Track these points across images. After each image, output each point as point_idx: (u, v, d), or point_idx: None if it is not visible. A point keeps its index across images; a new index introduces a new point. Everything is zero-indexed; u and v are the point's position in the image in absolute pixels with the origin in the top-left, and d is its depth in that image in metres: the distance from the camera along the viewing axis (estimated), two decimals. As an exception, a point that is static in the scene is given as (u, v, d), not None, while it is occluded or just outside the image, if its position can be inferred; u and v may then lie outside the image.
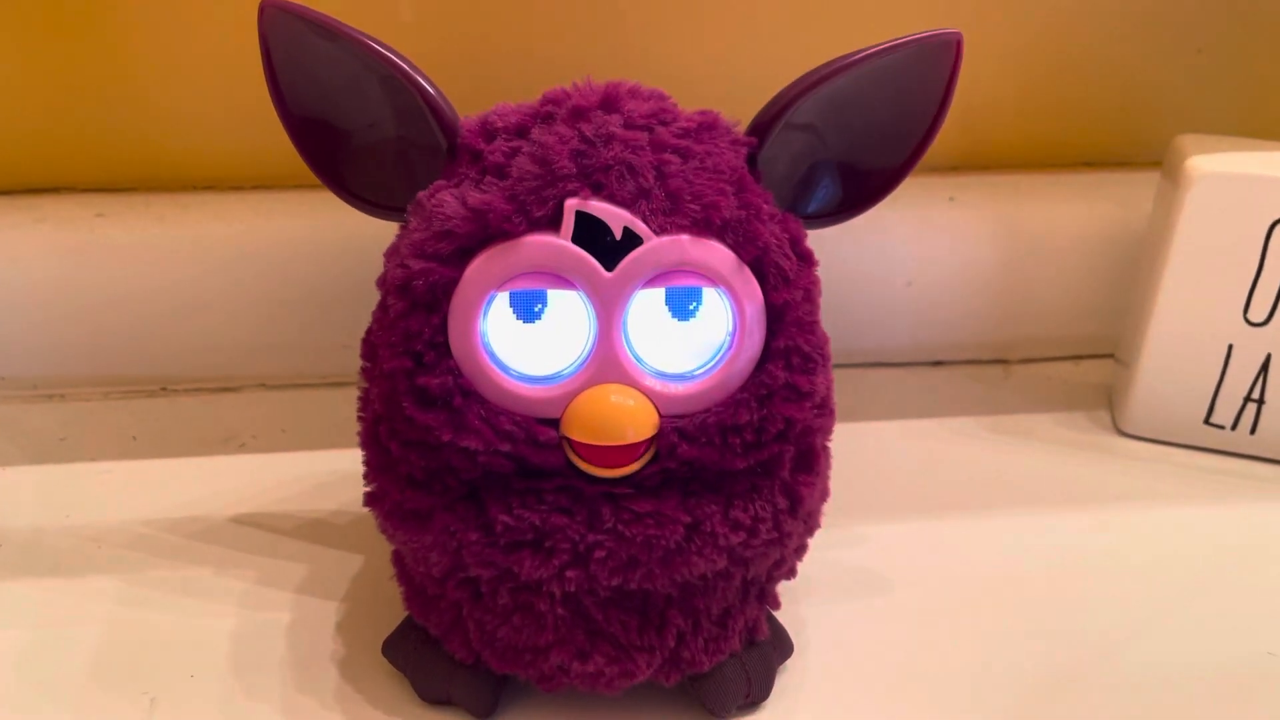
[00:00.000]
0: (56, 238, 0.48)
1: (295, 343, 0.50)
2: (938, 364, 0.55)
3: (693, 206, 0.28)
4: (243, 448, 0.47)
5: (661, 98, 0.30)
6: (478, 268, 0.28)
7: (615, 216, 0.28)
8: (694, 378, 0.29)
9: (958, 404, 0.52)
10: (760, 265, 0.29)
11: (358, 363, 0.33)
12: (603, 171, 0.28)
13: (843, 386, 0.33)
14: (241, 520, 0.42)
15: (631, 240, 0.28)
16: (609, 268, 0.28)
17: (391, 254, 0.30)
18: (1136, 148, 0.55)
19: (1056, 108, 0.54)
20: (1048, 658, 0.36)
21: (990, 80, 0.53)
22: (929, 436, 0.49)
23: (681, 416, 0.29)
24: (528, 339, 0.29)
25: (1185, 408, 0.47)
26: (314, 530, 0.42)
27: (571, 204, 0.27)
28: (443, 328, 0.28)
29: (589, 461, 0.29)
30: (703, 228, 0.28)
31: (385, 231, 0.31)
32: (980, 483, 0.46)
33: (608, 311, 0.28)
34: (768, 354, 0.29)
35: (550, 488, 0.29)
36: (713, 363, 0.29)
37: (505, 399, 0.29)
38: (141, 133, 0.49)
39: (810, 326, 0.30)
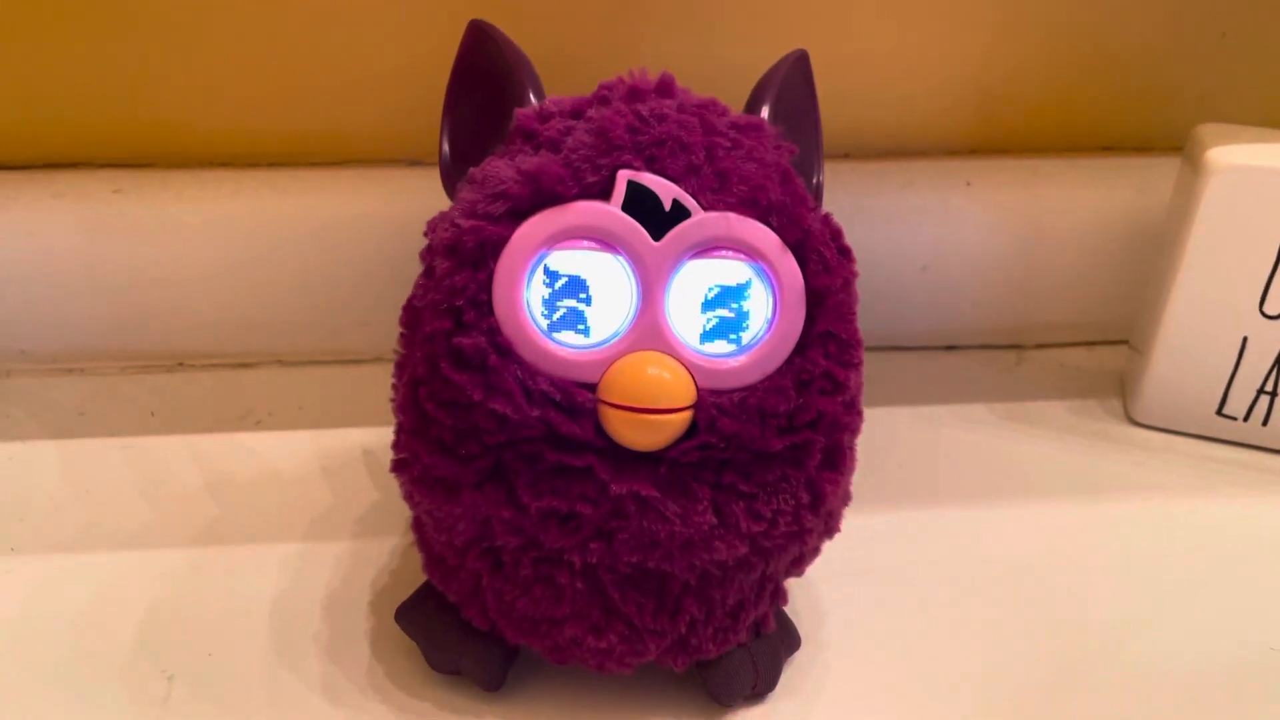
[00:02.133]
0: (74, 213, 0.48)
1: (312, 320, 0.50)
2: (951, 348, 0.55)
3: (740, 187, 0.29)
4: (259, 424, 0.47)
5: (715, 100, 0.32)
6: (527, 229, 0.29)
7: (666, 188, 0.29)
8: (733, 353, 0.30)
9: (970, 390, 0.52)
10: (802, 249, 0.30)
11: (375, 340, 0.33)
12: (656, 145, 0.29)
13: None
14: (257, 497, 0.42)
15: (680, 213, 0.29)
16: (656, 238, 0.28)
17: (437, 222, 0.30)
18: (1156, 133, 0.55)
19: (1075, 91, 0.54)
20: (1054, 648, 0.36)
21: (1008, 63, 0.52)
22: (940, 423, 0.49)
23: (719, 392, 0.29)
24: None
25: (1198, 398, 0.47)
26: (329, 508, 0.42)
27: (624, 174, 0.28)
28: (487, 285, 0.29)
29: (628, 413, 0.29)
30: (749, 207, 0.29)
31: (401, 211, 0.31)
32: (989, 471, 0.46)
33: (652, 280, 0.29)
34: (807, 339, 0.30)
35: (577, 477, 0.29)
36: (752, 339, 0.30)
37: (543, 360, 0.29)
38: (159, 108, 0.49)
39: (848, 317, 0.30)
